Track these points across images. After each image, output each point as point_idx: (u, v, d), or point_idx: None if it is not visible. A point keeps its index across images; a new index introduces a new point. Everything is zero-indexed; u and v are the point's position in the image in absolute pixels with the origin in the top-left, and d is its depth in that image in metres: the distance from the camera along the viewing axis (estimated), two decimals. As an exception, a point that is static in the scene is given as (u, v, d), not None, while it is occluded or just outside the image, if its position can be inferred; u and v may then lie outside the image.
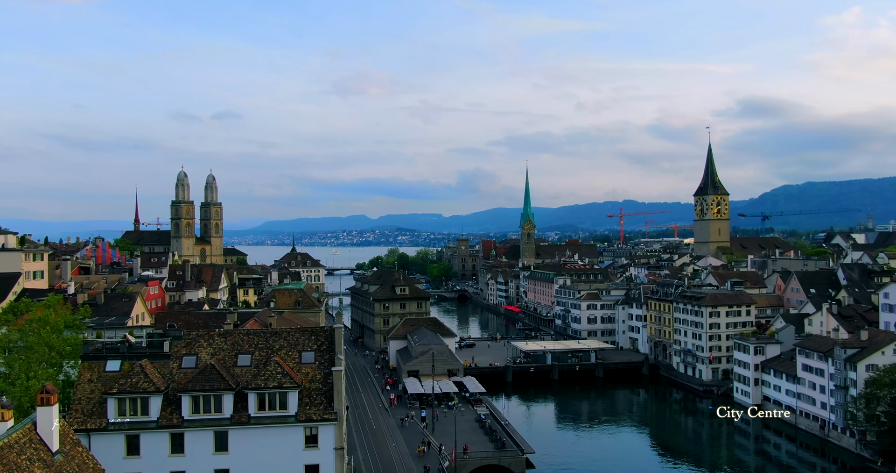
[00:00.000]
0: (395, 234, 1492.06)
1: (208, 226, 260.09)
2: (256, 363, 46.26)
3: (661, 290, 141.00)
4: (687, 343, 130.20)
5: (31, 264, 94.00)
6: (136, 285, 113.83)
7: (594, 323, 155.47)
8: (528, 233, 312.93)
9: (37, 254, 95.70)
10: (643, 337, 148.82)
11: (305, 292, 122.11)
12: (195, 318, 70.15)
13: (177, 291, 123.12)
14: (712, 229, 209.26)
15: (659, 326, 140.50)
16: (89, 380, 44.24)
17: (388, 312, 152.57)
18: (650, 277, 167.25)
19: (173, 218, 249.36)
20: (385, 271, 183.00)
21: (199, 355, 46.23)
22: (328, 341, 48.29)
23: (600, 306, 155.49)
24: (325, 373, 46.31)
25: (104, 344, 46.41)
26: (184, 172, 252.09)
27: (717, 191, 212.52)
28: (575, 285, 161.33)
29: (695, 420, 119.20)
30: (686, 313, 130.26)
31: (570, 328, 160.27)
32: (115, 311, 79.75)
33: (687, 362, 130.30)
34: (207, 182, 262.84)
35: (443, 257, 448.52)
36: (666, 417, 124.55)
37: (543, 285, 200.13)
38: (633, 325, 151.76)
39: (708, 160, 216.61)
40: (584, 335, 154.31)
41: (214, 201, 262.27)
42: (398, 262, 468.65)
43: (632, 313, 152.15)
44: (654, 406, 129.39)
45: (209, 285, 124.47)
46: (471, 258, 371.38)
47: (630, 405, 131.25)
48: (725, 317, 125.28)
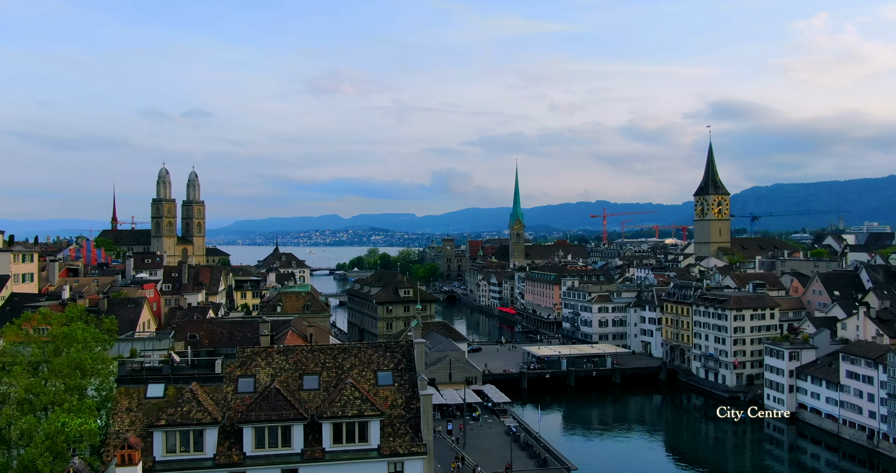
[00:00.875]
0: (368, 234, 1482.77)
1: (190, 225, 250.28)
2: (326, 385, 39.17)
3: (678, 292, 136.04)
4: (708, 348, 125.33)
5: (21, 266, 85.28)
6: (130, 288, 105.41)
7: (605, 326, 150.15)
8: (518, 233, 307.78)
9: (26, 255, 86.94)
10: (656, 341, 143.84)
11: (313, 296, 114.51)
12: (219, 328, 62.30)
13: (173, 294, 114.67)
14: (713, 230, 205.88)
15: (676, 329, 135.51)
16: (128, 409, 36.77)
17: (392, 315, 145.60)
18: (659, 278, 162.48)
19: (154, 217, 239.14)
20: (385, 272, 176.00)
21: (257, 377, 38.99)
22: (406, 358, 41.40)
23: (612, 308, 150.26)
24: (407, 397, 39.43)
25: (142, 364, 38.86)
26: (165, 170, 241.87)
27: (718, 191, 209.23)
28: (585, 288, 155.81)
29: (724, 428, 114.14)
30: (707, 316, 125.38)
31: (579, 332, 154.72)
32: (121, 319, 71.59)
33: (708, 367, 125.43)
34: (190, 180, 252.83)
35: (425, 257, 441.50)
36: (696, 425, 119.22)
37: (543, 286, 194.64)
38: (646, 328, 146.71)
39: (709, 160, 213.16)
40: (596, 338, 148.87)
41: (197, 199, 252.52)
42: (380, 262, 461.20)
43: (644, 315, 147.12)
44: (680, 414, 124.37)
45: (208, 287, 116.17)
46: (456, 259, 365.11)
47: (655, 413, 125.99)
48: (750, 320, 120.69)
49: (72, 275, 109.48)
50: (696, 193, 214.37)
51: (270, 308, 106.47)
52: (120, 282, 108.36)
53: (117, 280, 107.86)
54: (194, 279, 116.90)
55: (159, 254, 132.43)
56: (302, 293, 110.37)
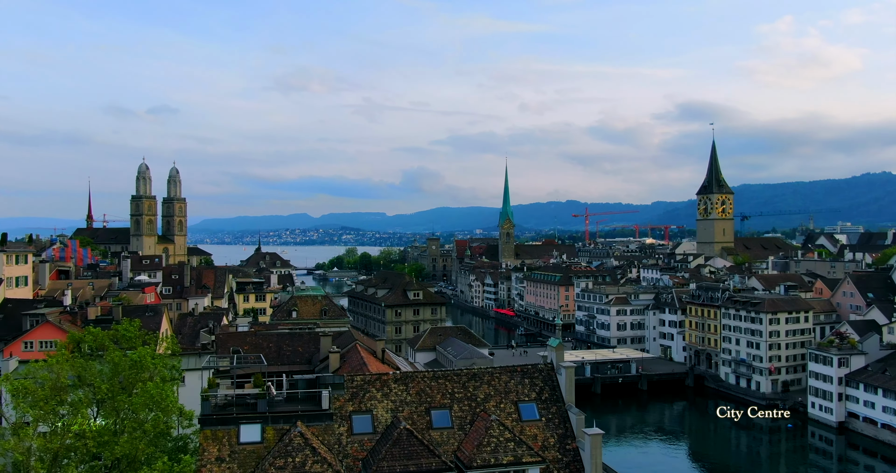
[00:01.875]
0: (339, 233, 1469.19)
1: (171, 223, 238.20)
2: (460, 422, 31.35)
3: (703, 294, 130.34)
4: (740, 353, 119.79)
5: (14, 268, 75.46)
6: (130, 292, 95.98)
7: (623, 330, 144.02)
8: (508, 232, 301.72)
9: (20, 256, 77.06)
10: (677, 345, 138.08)
11: (331, 300, 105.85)
12: (265, 341, 53.13)
13: (174, 298, 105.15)
14: (717, 229, 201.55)
15: (701, 333, 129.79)
16: (219, 459, 28.47)
17: (401, 319, 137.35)
18: (674, 280, 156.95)
19: (133, 214, 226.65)
20: (390, 273, 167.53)
21: (374, 412, 30.99)
22: (549, 385, 33.80)
23: (630, 311, 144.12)
24: (560, 435, 31.81)
25: (233, 398, 30.42)
26: (145, 165, 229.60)
27: (722, 190, 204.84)
28: (601, 290, 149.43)
29: (760, 437, 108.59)
30: (738, 319, 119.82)
31: (595, 335, 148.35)
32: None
33: (740, 373, 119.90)
34: (171, 176, 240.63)
35: (406, 256, 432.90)
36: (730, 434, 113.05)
37: (547, 287, 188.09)
38: (666, 331, 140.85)
39: (712, 158, 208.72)
40: (614, 342, 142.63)
41: (178, 196, 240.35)
42: (360, 262, 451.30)
43: (664, 318, 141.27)
44: (711, 422, 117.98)
45: (213, 291, 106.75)
46: (441, 258, 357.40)
47: (686, 421, 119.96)
48: (785, 324, 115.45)
49: (63, 277, 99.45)
50: (699, 191, 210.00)
51: (284, 314, 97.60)
52: (117, 285, 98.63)
53: (114, 283, 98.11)
54: (197, 282, 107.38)
55: (159, 256, 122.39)
56: (318, 297, 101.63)
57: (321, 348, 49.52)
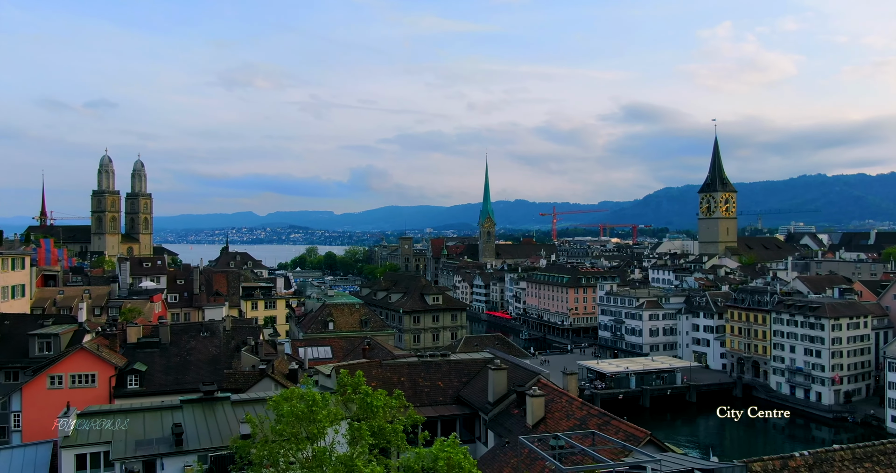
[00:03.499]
0: (287, 232, 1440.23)
1: (135, 221, 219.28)
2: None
3: (748, 298, 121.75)
4: (795, 361, 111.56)
5: (10, 275, 59.96)
6: (135, 301, 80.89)
7: (656, 336, 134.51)
8: (489, 231, 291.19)
9: (16, 259, 61.46)
10: (714, 351, 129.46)
11: (369, 309, 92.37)
12: (392, 374, 39.64)
13: (183, 307, 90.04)
14: (721, 229, 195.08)
15: (746, 339, 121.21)
16: None
17: (419, 326, 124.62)
18: (700, 282, 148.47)
19: (95, 211, 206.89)
20: (402, 275, 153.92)
21: None
22: None
23: (662, 315, 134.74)
24: None
25: None
26: (108, 157, 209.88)
27: (726, 188, 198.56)
28: (631, 293, 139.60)
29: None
30: (794, 325, 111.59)
31: (623, 341, 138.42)
32: (199, 359, 48.66)
33: (795, 382, 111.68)
34: (135, 169, 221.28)
35: (374, 255, 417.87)
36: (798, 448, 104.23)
37: (553, 289, 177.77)
38: (700, 337, 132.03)
39: (714, 155, 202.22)
40: (646, 349, 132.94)
41: (143, 191, 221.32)
42: (325, 261, 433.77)
43: (698, 323, 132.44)
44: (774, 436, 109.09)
45: (228, 298, 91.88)
46: (415, 258, 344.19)
47: (747, 436, 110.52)
48: (846, 330, 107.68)
49: (50, 284, 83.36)
50: (702, 189, 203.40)
51: (319, 325, 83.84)
52: (117, 293, 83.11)
53: (114, 291, 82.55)
54: (208, 288, 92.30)
55: (160, 257, 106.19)
56: (356, 305, 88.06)
57: (493, 385, 36.86)
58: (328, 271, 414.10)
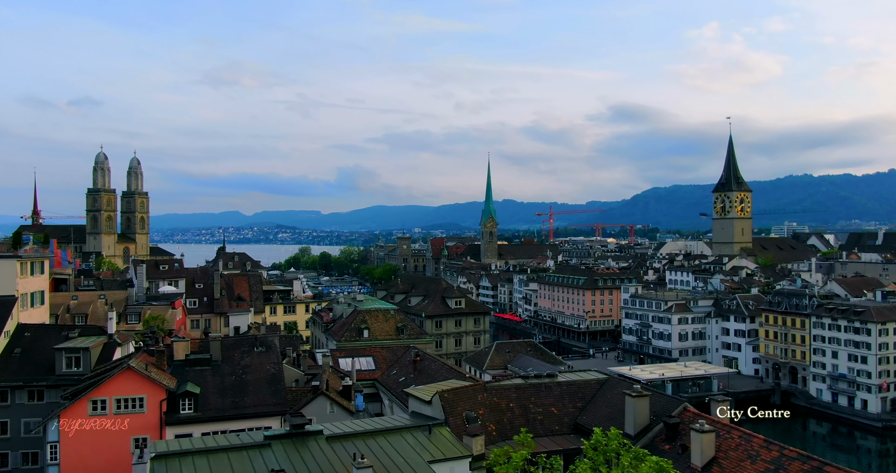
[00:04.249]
0: (274, 231, 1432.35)
1: (132, 220, 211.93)
2: None
3: (785, 301, 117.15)
4: (838, 367, 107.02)
5: (29, 281, 53.62)
6: (155, 307, 74.83)
7: (685, 340, 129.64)
8: (491, 232, 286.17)
9: (35, 263, 55.09)
10: (746, 356, 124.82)
11: (405, 315, 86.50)
12: (497, 398, 33.44)
13: (203, 313, 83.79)
14: (736, 229, 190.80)
15: (783, 344, 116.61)
16: None
17: (442, 331, 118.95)
18: (726, 283, 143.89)
19: (90, 210, 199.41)
20: (419, 277, 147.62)
21: None
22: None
23: (691, 319, 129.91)
24: None
25: None
26: (104, 154, 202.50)
27: (741, 187, 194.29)
28: (658, 295, 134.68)
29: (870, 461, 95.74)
30: (836, 330, 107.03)
31: (649, 346, 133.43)
32: (257, 378, 42.77)
33: (838, 389, 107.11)
34: (131, 167, 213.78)
35: (370, 255, 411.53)
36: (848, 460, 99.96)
37: (569, 291, 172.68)
38: (731, 341, 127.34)
39: (729, 153, 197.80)
40: (675, 354, 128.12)
41: (139, 190, 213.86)
42: (320, 261, 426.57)
43: (728, 327, 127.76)
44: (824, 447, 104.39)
45: (252, 303, 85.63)
46: (413, 259, 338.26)
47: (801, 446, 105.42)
48: (893, 335, 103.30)
49: (62, 288, 76.86)
50: (716, 189, 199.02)
51: (353, 333, 77.89)
52: (135, 298, 76.78)
53: (131, 296, 76.21)
54: (229, 292, 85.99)
55: (177, 259, 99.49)
56: (390, 312, 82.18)
57: (633, 414, 31.38)
58: (323, 272, 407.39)
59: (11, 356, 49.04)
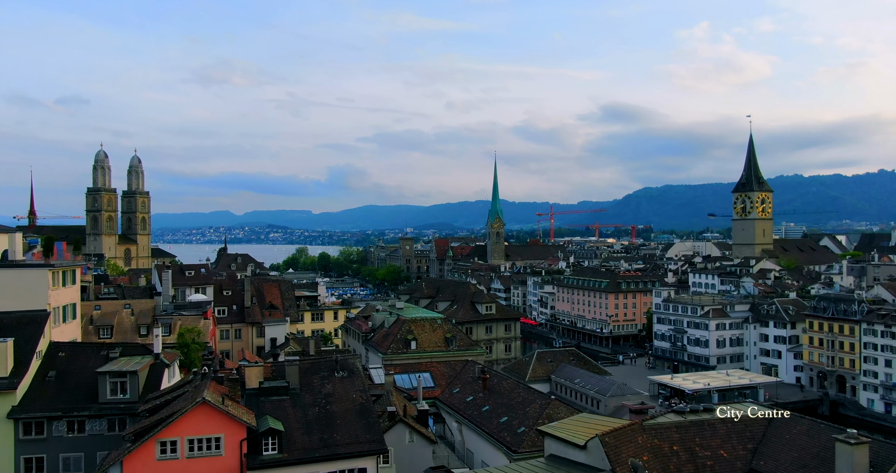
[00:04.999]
0: (265, 231, 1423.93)
1: (133, 220, 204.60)
2: None
3: (831, 306, 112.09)
4: (892, 376, 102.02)
5: (61, 292, 47.30)
6: (185, 317, 68.60)
7: (723, 347, 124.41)
8: (498, 232, 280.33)
9: (68, 272, 48.73)
10: (786, 364, 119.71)
11: (453, 324, 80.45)
12: (660, 440, 28.44)
13: (233, 323, 77.48)
14: (757, 230, 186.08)
15: (830, 352, 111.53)
16: None
17: (472, 338, 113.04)
18: (760, 288, 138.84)
19: (90, 210, 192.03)
20: (443, 281, 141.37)
21: None
22: None
23: (728, 325, 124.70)
24: None
25: None
26: (104, 153, 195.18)
27: (762, 187, 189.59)
28: (693, 300, 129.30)
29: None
30: (889, 337, 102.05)
31: (684, 353, 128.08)
32: (344, 410, 36.74)
33: (892, 399, 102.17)
34: (132, 166, 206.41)
35: (369, 256, 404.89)
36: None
37: (590, 295, 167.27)
38: (770, 348, 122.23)
39: (749, 153, 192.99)
40: (713, 361, 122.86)
41: (141, 189, 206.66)
42: (319, 262, 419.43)
43: (767, 333, 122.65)
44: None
45: (286, 312, 79.28)
46: (416, 259, 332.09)
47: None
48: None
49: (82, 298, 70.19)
50: (736, 189, 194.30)
51: (400, 344, 71.83)
52: (161, 306, 70.41)
53: (159, 304, 69.83)
54: (260, 300, 79.66)
55: (204, 265, 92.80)
56: (437, 321, 76.21)
57: (851, 467, 25.56)
58: (322, 273, 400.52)
59: (45, 380, 42.79)
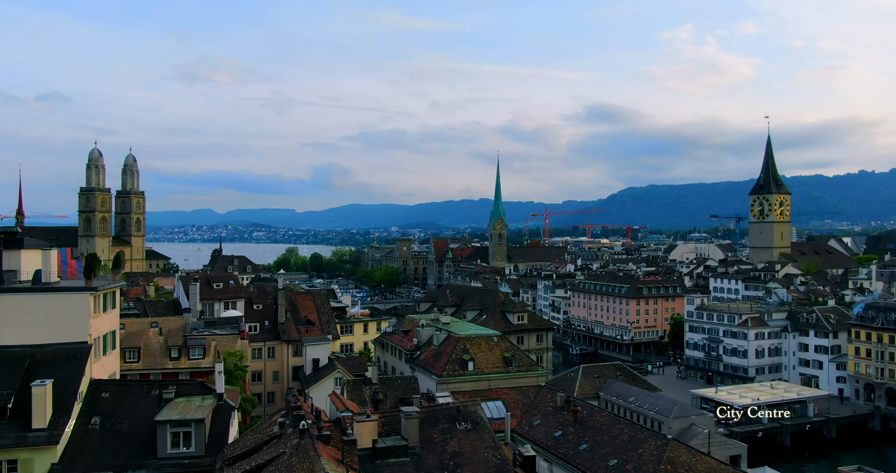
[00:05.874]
0: (249, 230, 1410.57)
1: (127, 221, 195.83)
2: None
3: (881, 315, 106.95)
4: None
5: (102, 320, 39.92)
6: (220, 337, 61.47)
7: (762, 357, 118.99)
8: (500, 233, 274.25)
9: (108, 296, 41.29)
10: (828, 375, 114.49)
11: (512, 343, 73.53)
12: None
13: (267, 341, 70.20)
14: (776, 233, 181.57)
15: (879, 363, 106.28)
16: None
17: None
18: (793, 294, 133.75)
19: (82, 210, 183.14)
20: (468, 288, 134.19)
21: None
22: None
23: (767, 334, 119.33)
24: None
25: None
26: (98, 151, 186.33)
27: (780, 189, 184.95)
28: (730, 308, 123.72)
29: None
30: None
31: (720, 363, 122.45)
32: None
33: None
34: (126, 164, 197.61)
35: (362, 257, 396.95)
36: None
37: (609, 300, 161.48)
38: (809, 358, 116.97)
39: (767, 154, 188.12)
40: (752, 373, 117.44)
41: (135, 189, 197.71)
42: (311, 263, 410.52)
43: (807, 342, 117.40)
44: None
45: (324, 328, 72.04)
46: (413, 261, 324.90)
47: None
48: None
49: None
50: (753, 191, 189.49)
51: (455, 366, 64.96)
52: (192, 325, 63.02)
53: (188, 322, 62.42)
54: (294, 315, 72.36)
55: (232, 277, 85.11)
56: (493, 338, 69.48)
57: None
58: (314, 273, 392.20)
59: (89, 428, 35.60)
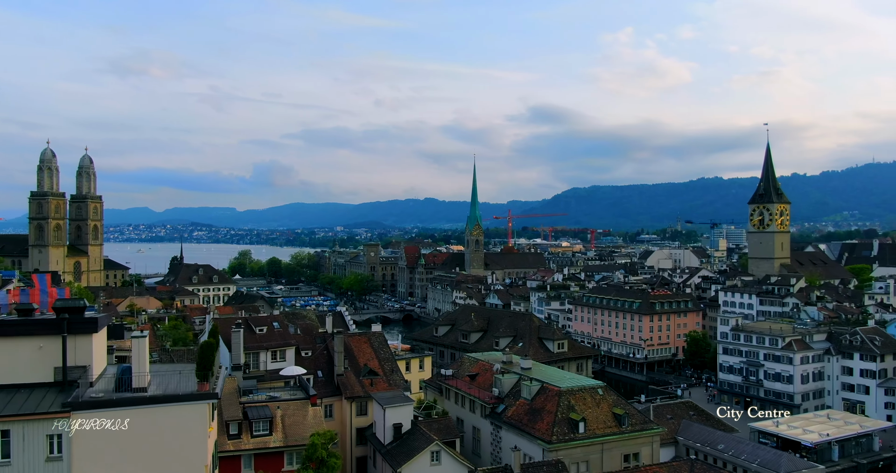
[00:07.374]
0: (188, 229, 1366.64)
1: (83, 229, 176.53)
2: None
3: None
4: None
5: (212, 434, 26.81)
6: (289, 404, 48.73)
7: (807, 382, 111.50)
8: (477, 240, 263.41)
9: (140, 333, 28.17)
10: (876, 400, 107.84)
11: (619, 396, 62.12)
12: None
13: (323, 397, 56.87)
14: (776, 243, 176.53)
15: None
16: None
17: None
18: (823, 312, 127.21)
19: (33, 217, 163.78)
20: (493, 311, 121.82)
21: None
22: None
23: (812, 358, 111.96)
24: None
25: None
26: (51, 151, 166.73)
27: (781, 199, 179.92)
28: (771, 329, 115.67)
29: None
30: None
31: (760, 389, 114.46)
32: None
33: None
34: (81, 166, 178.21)
35: (323, 262, 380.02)
36: None
37: (619, 316, 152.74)
38: (856, 383, 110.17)
39: (766, 162, 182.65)
40: (797, 399, 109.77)
41: (92, 193, 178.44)
42: (269, 268, 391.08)
43: (851, 366, 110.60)
44: None
45: (390, 379, 59.16)
46: (382, 267, 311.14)
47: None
48: None
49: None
50: (752, 200, 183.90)
51: (562, 427, 53.35)
52: (243, 388, 49.57)
53: (240, 383, 48.96)
54: (353, 364, 59.32)
55: (276, 318, 70.53)
56: (598, 390, 57.73)
57: None
58: (273, 279, 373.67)
59: None
